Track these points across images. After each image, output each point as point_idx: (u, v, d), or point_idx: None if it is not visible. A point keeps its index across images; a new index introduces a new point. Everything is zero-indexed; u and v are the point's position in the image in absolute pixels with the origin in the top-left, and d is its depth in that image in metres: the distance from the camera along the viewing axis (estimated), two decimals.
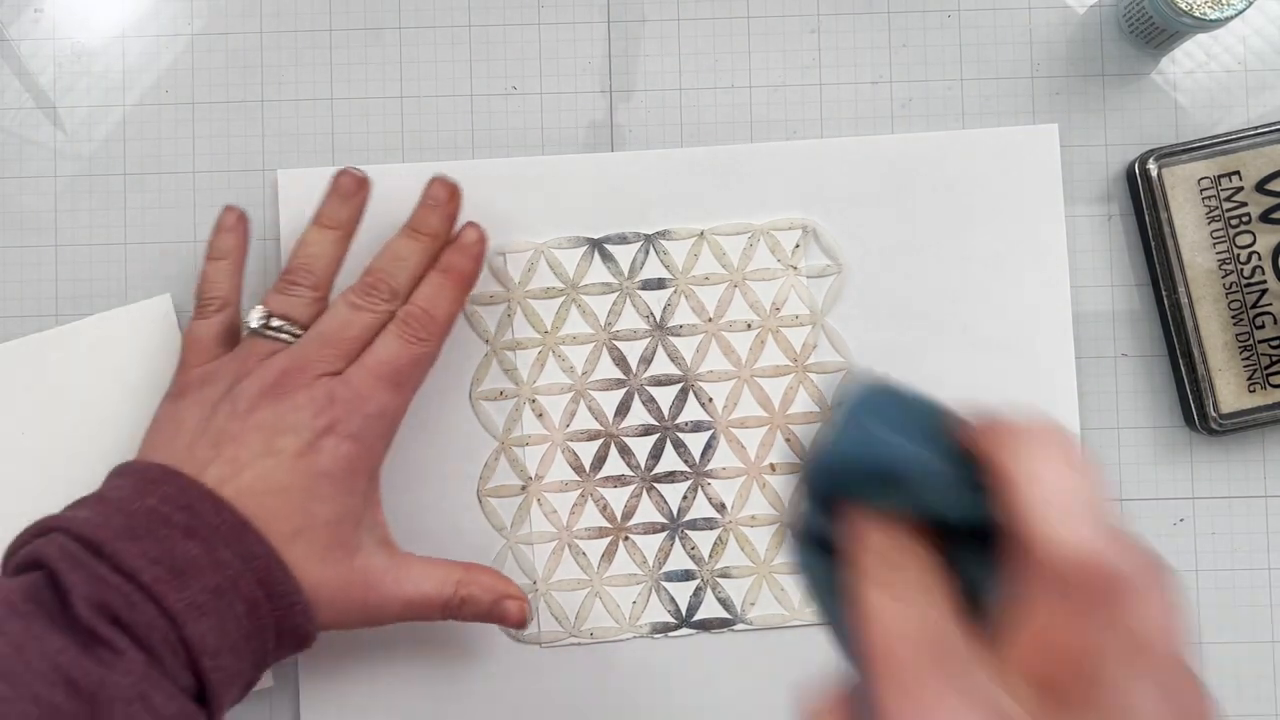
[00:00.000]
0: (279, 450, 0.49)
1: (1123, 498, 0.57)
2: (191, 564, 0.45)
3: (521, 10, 0.59)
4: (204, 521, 0.46)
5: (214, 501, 0.47)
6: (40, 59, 0.59)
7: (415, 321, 0.52)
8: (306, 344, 0.51)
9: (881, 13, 0.59)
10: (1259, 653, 0.57)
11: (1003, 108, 0.58)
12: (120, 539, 0.44)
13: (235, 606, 0.46)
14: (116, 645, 0.42)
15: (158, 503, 0.46)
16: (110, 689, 0.41)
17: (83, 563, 0.44)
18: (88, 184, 0.58)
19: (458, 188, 0.54)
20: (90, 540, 0.44)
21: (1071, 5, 0.59)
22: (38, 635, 0.42)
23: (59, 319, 0.58)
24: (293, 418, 0.49)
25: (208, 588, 0.45)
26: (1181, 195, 0.56)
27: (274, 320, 0.52)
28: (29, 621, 0.42)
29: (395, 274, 0.52)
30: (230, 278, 0.54)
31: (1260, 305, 0.55)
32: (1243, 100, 0.58)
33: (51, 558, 0.44)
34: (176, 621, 0.44)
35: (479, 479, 0.57)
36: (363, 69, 0.59)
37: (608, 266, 0.57)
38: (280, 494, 0.48)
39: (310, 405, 0.49)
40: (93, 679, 0.41)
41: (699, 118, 0.58)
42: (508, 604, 0.52)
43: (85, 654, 0.42)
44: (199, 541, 0.46)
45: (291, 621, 0.48)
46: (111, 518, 0.45)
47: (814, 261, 0.57)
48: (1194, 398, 0.56)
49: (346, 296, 0.52)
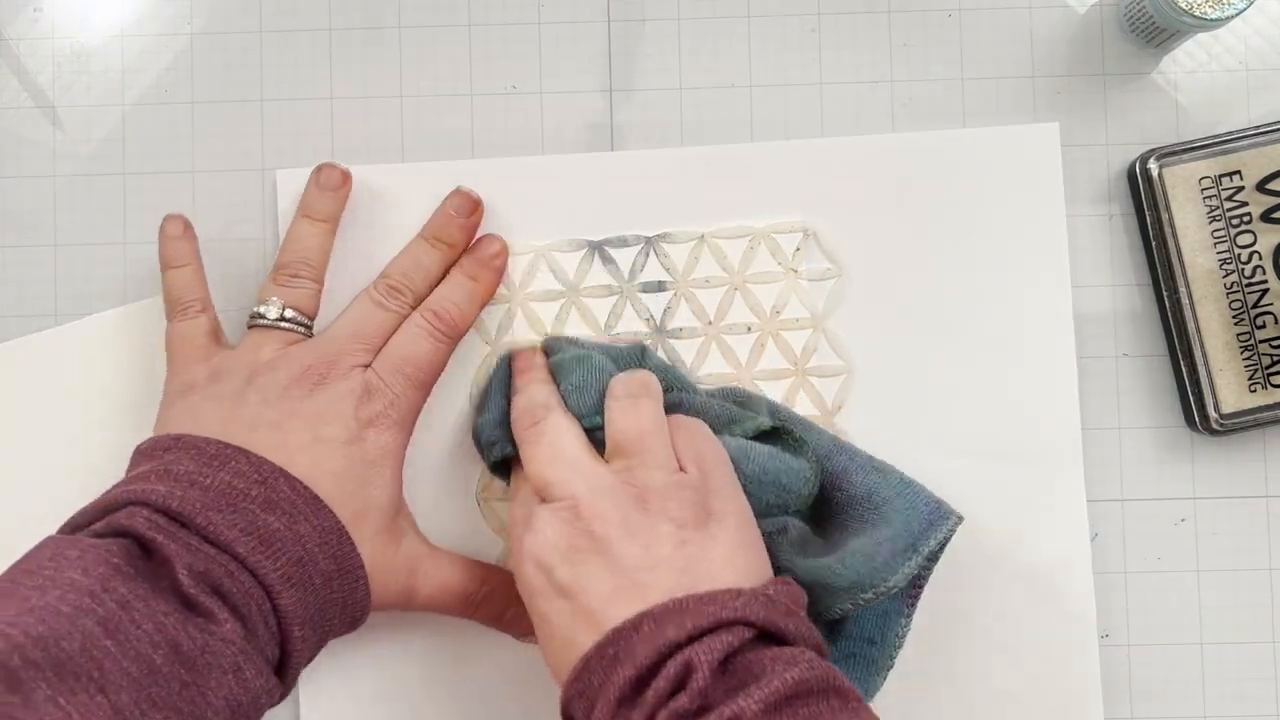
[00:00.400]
0: (328, 438, 0.50)
1: (1124, 498, 0.57)
2: (276, 537, 0.46)
3: (521, 10, 0.59)
4: (281, 496, 0.47)
5: (287, 477, 0.48)
6: (39, 58, 0.59)
7: (445, 316, 0.53)
8: (335, 337, 0.52)
9: (882, 12, 0.59)
10: (1259, 653, 0.57)
11: (1003, 107, 0.58)
12: (208, 511, 0.45)
13: (314, 580, 0.47)
14: (217, 615, 0.44)
15: (231, 477, 0.47)
16: (210, 656, 0.43)
17: (176, 534, 0.45)
18: (87, 184, 0.58)
19: (480, 201, 0.56)
20: (176, 512, 0.45)
21: (1072, 5, 0.58)
22: (142, 597, 0.43)
23: (58, 319, 0.58)
24: (336, 408, 0.50)
25: (293, 559, 0.47)
26: (1182, 195, 0.56)
27: (287, 312, 0.53)
28: (134, 583, 0.43)
29: (416, 278, 0.54)
30: (198, 283, 0.54)
31: (1261, 305, 0.55)
32: (1243, 100, 0.58)
33: (141, 528, 0.45)
34: (271, 592, 0.46)
35: (478, 481, 0.57)
36: (362, 68, 0.59)
37: (608, 269, 0.57)
38: (336, 478, 0.49)
39: (350, 397, 0.51)
40: (196, 645, 0.43)
41: (699, 117, 0.58)
42: (516, 612, 0.53)
43: (189, 620, 0.43)
44: (279, 515, 0.47)
45: (355, 598, 0.49)
46: (188, 491, 0.46)
47: (814, 265, 0.57)
48: (1195, 398, 0.56)
49: (371, 294, 0.54)
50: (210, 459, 0.48)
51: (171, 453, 0.49)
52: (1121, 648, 0.57)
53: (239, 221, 0.58)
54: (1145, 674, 0.57)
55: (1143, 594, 0.57)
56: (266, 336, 0.52)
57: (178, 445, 0.49)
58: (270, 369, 0.51)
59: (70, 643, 0.40)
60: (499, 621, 0.54)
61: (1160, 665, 0.57)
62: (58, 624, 0.40)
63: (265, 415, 0.50)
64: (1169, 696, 0.57)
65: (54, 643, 0.40)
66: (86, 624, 0.41)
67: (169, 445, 0.49)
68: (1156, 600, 0.57)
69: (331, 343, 0.52)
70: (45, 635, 0.40)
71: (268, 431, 0.49)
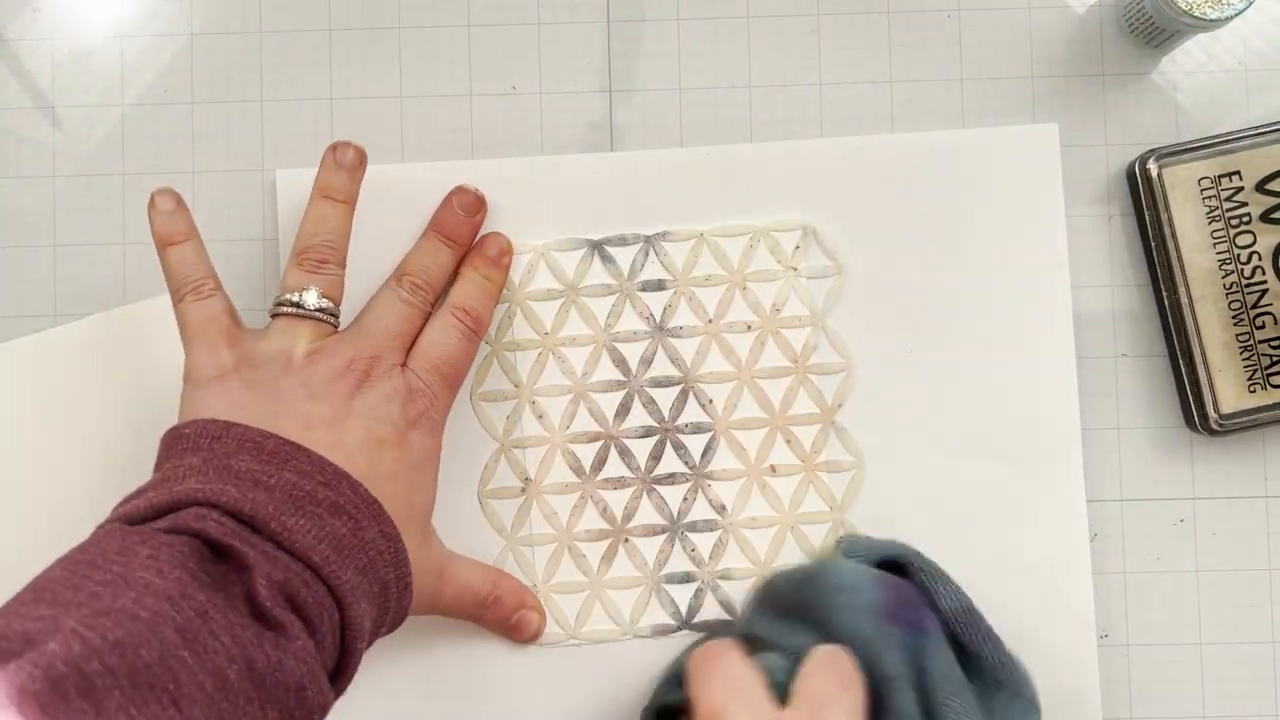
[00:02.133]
0: (381, 439, 0.48)
1: (1123, 498, 0.57)
2: (345, 544, 0.45)
3: (521, 10, 0.59)
4: (347, 499, 0.46)
5: (350, 480, 0.46)
6: (38, 59, 0.59)
7: (473, 314, 0.53)
8: (372, 334, 0.51)
9: (881, 13, 0.59)
10: (1259, 653, 0.57)
11: (1003, 108, 0.58)
12: (282, 516, 0.43)
13: (373, 587, 0.46)
14: (290, 630, 0.42)
15: (296, 477, 0.45)
16: (281, 674, 0.41)
17: (252, 541, 0.43)
18: (86, 184, 0.58)
19: (484, 198, 0.56)
20: (249, 516, 0.43)
21: (1071, 5, 0.59)
22: (221, 608, 0.40)
23: (58, 319, 0.58)
24: (384, 408, 0.49)
25: (358, 567, 0.45)
26: (1182, 195, 0.56)
27: (324, 301, 0.51)
28: (211, 592, 0.41)
29: (434, 275, 0.54)
30: (205, 256, 0.51)
31: (1260, 305, 0.55)
32: (1243, 100, 0.58)
33: (214, 533, 0.42)
34: (343, 603, 0.44)
35: (479, 480, 0.57)
36: (362, 68, 0.59)
37: (607, 268, 0.57)
38: (389, 482, 0.48)
39: (396, 397, 0.50)
40: (270, 662, 0.41)
41: (699, 118, 0.58)
42: (528, 614, 0.54)
43: (264, 637, 0.41)
44: (345, 520, 0.45)
45: (402, 604, 0.48)
46: (257, 493, 0.44)
47: (814, 262, 0.57)
48: (1194, 398, 0.56)
49: (397, 292, 0.52)
50: (270, 455, 0.45)
51: (222, 443, 0.46)
52: (1121, 648, 0.57)
53: (239, 221, 0.58)
54: (1144, 674, 0.57)
55: (1142, 594, 0.57)
56: (298, 325, 0.50)
57: (228, 434, 0.46)
58: (310, 361, 0.49)
59: (149, 651, 0.38)
60: (505, 624, 0.54)
61: (1159, 665, 0.57)
62: (136, 630, 0.38)
63: (317, 411, 0.48)
64: (1168, 697, 0.57)
65: (132, 650, 0.38)
66: (165, 632, 0.39)
67: (218, 433, 0.46)
68: (1156, 600, 0.57)
69: (369, 338, 0.50)
70: (123, 641, 0.38)
71: (324, 430, 0.47)
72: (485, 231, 0.56)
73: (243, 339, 0.50)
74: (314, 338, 0.50)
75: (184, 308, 0.51)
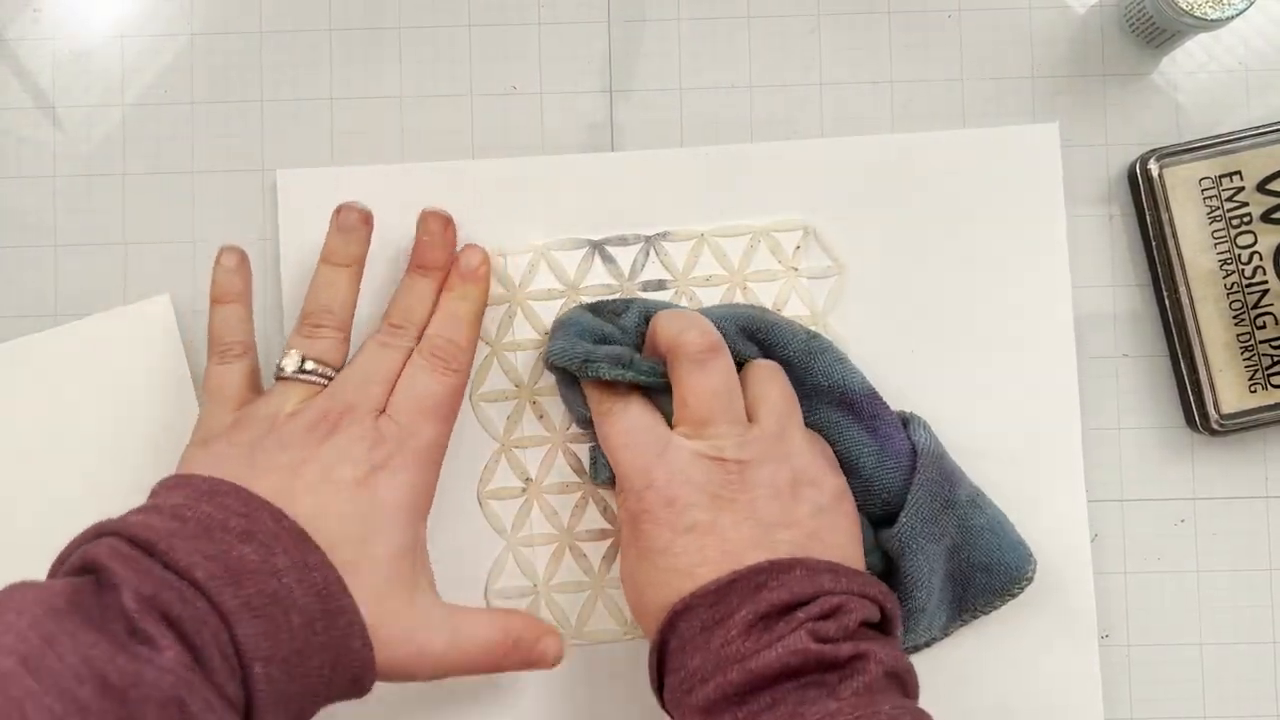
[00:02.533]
0: (337, 479, 0.49)
1: (1124, 498, 0.57)
2: (246, 567, 0.44)
3: (521, 10, 0.59)
4: (262, 528, 0.46)
5: (273, 511, 0.46)
6: (39, 59, 0.59)
7: (441, 353, 0.53)
8: (347, 383, 0.52)
9: (882, 13, 0.59)
10: (1260, 653, 0.57)
11: (1003, 108, 0.58)
12: (174, 538, 0.44)
13: (290, 617, 0.45)
14: (159, 643, 0.41)
15: (214, 509, 0.46)
16: (144, 688, 0.40)
17: (133, 561, 0.43)
18: (87, 184, 0.58)
19: (450, 217, 0.55)
20: (142, 540, 0.44)
21: (1072, 5, 0.58)
22: (70, 632, 0.40)
23: (58, 319, 0.58)
24: (349, 451, 0.50)
25: (264, 592, 0.44)
26: (1182, 195, 0.56)
27: (308, 364, 0.52)
28: (63, 619, 0.40)
29: (415, 310, 0.54)
30: (245, 322, 0.53)
31: (1261, 305, 0.55)
32: (1244, 100, 0.58)
33: (102, 557, 0.43)
34: (229, 620, 0.43)
35: (479, 480, 0.57)
36: (362, 68, 0.59)
37: (608, 268, 0.57)
38: (339, 520, 0.48)
39: (363, 440, 0.50)
40: (126, 676, 0.40)
41: (699, 118, 0.58)
42: (547, 641, 0.51)
43: (121, 651, 0.40)
44: (255, 546, 0.45)
45: (349, 647, 0.46)
46: (165, 521, 0.45)
47: (815, 262, 0.57)
48: (1195, 398, 0.56)
49: (378, 338, 0.53)
50: (201, 493, 0.47)
51: (170, 490, 0.48)
52: (1121, 648, 0.57)
53: (239, 221, 0.58)
54: (1145, 674, 0.57)
55: (1143, 594, 0.57)
56: (290, 388, 0.52)
57: (180, 483, 0.48)
58: (291, 420, 0.50)
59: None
60: (527, 659, 0.51)
61: (1160, 665, 0.57)
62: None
63: (279, 460, 0.49)
64: (1169, 697, 0.57)
65: None
66: (7, 664, 0.38)
67: (172, 484, 0.48)
68: (1156, 600, 0.57)
69: (344, 388, 0.52)
70: None
71: (279, 475, 0.48)
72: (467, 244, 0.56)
73: (245, 403, 0.52)
74: (303, 398, 0.52)
75: (209, 367, 0.53)
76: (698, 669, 0.46)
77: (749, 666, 0.45)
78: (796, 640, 0.44)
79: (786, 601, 0.46)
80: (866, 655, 0.45)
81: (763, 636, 0.45)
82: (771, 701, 0.44)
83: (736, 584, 0.47)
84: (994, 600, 0.54)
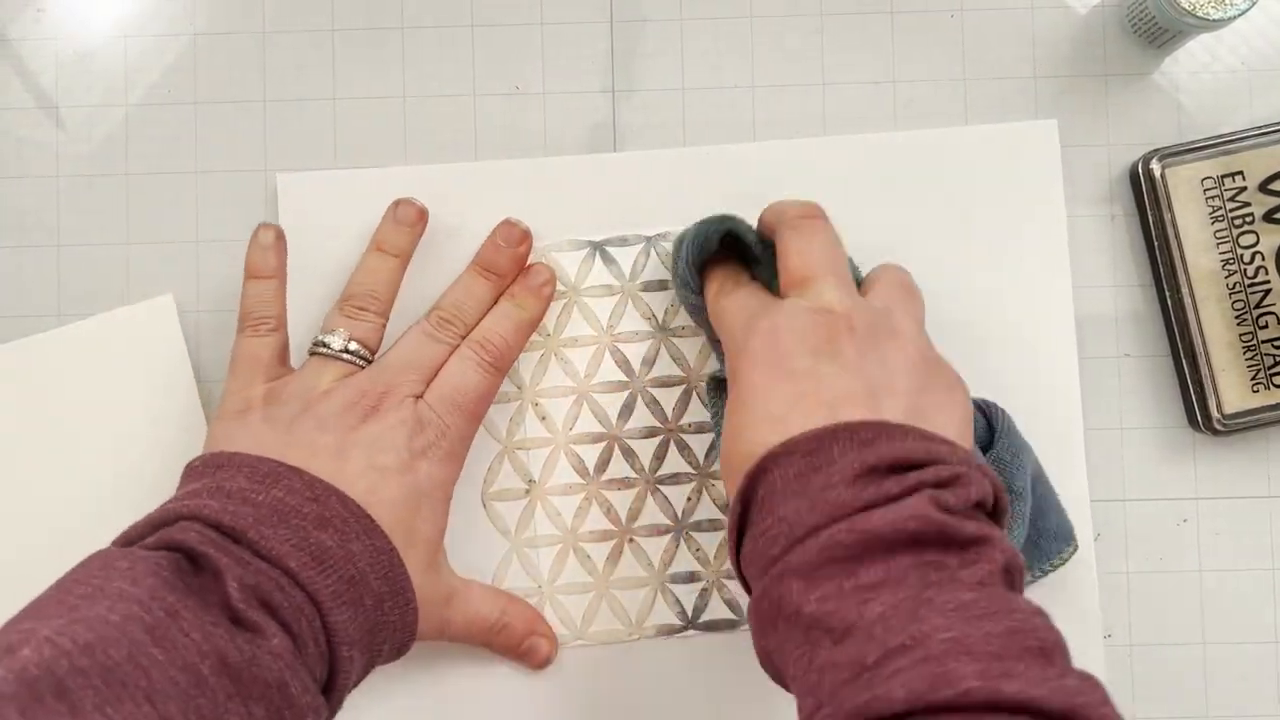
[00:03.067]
0: (382, 466, 0.50)
1: (1126, 498, 0.57)
2: (328, 554, 0.46)
3: (524, 10, 0.59)
4: (334, 514, 0.47)
5: (340, 496, 0.48)
6: (42, 59, 0.59)
7: (491, 348, 0.54)
8: (388, 367, 0.53)
9: (884, 13, 0.59)
10: (1261, 653, 0.57)
11: (1005, 108, 0.58)
12: (261, 526, 0.45)
13: (365, 599, 0.47)
14: (266, 630, 0.43)
15: (284, 494, 0.47)
16: (256, 670, 0.42)
17: (227, 549, 0.44)
18: (89, 184, 0.58)
19: (529, 231, 0.56)
20: (229, 527, 0.45)
21: (1074, 5, 0.59)
22: (192, 608, 0.42)
23: (61, 319, 0.58)
24: (390, 437, 0.51)
25: (344, 577, 0.46)
26: (1185, 195, 0.56)
27: (351, 344, 0.53)
28: (183, 594, 0.42)
29: (467, 309, 0.55)
30: (278, 298, 0.54)
31: (1264, 305, 0.55)
32: (1246, 100, 0.58)
33: (192, 542, 0.44)
34: (322, 608, 0.45)
35: (483, 482, 0.57)
36: (364, 69, 0.59)
37: (609, 269, 0.57)
38: (390, 506, 0.49)
39: (403, 427, 0.51)
40: (243, 657, 0.42)
41: (701, 118, 0.58)
42: (538, 641, 0.55)
43: (240, 633, 0.43)
44: (332, 532, 0.47)
45: (404, 622, 0.49)
46: (240, 507, 0.46)
47: None
48: (1197, 398, 0.56)
49: (423, 327, 0.54)
50: (264, 476, 0.48)
51: (224, 470, 0.48)
52: (1124, 648, 0.57)
53: (240, 221, 0.58)
54: (1148, 674, 0.57)
55: (1145, 594, 0.57)
56: (327, 365, 0.53)
57: (231, 463, 0.49)
58: (327, 397, 0.51)
59: (118, 650, 0.39)
60: (515, 651, 0.55)
61: (1163, 665, 0.57)
62: (105, 632, 0.40)
63: (322, 440, 0.50)
64: (1172, 696, 0.57)
65: (101, 650, 0.39)
66: (134, 631, 0.40)
67: (222, 463, 0.49)
68: (1159, 600, 0.57)
69: (385, 372, 0.52)
70: (93, 642, 0.39)
71: (327, 457, 0.49)
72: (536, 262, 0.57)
73: (276, 377, 0.53)
74: (339, 377, 0.52)
75: (239, 339, 0.54)
76: (792, 516, 0.41)
77: (860, 526, 0.40)
78: (919, 504, 0.40)
79: (899, 458, 0.41)
80: (990, 540, 0.40)
81: (870, 489, 0.40)
82: (886, 576, 0.39)
83: (839, 434, 0.42)
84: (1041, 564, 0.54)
